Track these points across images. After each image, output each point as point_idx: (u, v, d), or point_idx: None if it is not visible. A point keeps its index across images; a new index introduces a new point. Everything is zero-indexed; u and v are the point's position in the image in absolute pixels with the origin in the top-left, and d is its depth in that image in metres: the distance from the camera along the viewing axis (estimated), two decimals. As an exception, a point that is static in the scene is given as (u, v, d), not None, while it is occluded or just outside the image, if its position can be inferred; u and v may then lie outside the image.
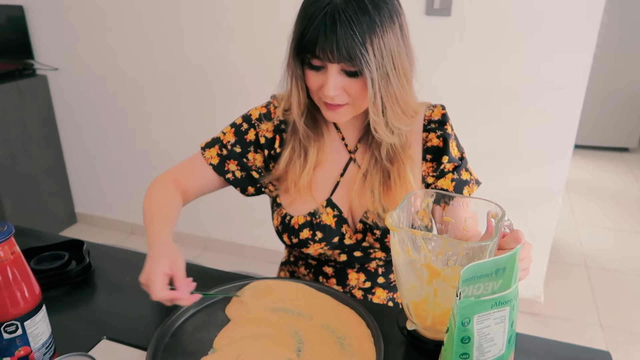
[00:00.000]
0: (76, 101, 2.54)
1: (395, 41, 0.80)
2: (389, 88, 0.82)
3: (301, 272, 1.05)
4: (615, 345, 1.96)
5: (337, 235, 0.95)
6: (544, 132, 1.85)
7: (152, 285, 0.72)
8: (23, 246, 0.71)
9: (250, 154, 0.98)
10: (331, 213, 0.95)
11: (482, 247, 0.64)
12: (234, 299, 0.83)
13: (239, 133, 0.98)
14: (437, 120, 0.95)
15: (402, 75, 0.83)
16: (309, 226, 0.94)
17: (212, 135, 1.02)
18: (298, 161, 0.94)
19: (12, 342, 0.64)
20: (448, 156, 0.93)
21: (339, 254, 0.98)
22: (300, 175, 0.94)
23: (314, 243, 0.94)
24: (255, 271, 1.21)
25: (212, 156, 0.98)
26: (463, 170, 0.95)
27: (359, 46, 0.76)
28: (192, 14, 2.14)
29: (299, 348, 0.72)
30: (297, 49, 0.82)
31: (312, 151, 0.94)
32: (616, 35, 3.68)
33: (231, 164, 0.98)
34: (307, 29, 0.78)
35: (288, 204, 0.96)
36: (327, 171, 0.97)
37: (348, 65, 0.79)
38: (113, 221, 2.76)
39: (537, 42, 1.75)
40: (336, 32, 0.75)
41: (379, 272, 1.01)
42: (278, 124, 0.97)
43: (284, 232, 0.96)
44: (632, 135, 4.05)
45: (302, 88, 0.88)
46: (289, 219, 0.95)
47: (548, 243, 2.02)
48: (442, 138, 0.94)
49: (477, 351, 0.58)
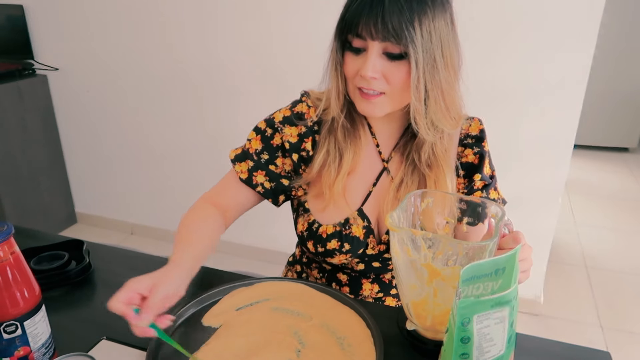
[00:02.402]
0: (76, 101, 2.54)
1: (446, 29, 0.76)
2: (435, 76, 0.76)
3: (314, 275, 1.03)
4: (615, 345, 1.96)
5: (363, 246, 0.92)
6: (544, 132, 1.85)
7: (115, 294, 0.66)
8: (23, 246, 0.71)
9: (279, 160, 0.93)
10: (361, 224, 0.91)
11: (482, 247, 0.64)
12: None
13: (265, 139, 0.93)
14: (475, 136, 0.92)
15: (450, 66, 0.78)
16: (337, 237, 0.90)
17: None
18: (333, 165, 0.88)
19: (11, 342, 0.64)
20: (481, 175, 0.91)
21: (357, 263, 0.94)
22: (335, 179, 0.88)
23: (340, 254, 0.91)
24: (255, 271, 1.21)
25: (242, 170, 0.93)
26: (492, 189, 0.93)
27: (407, 23, 0.71)
28: (192, 14, 2.13)
29: (298, 348, 0.72)
30: (340, 27, 0.78)
31: (348, 155, 0.88)
32: (616, 35, 3.68)
33: (259, 175, 0.93)
34: (352, 4, 0.74)
35: (319, 210, 0.92)
36: (359, 180, 0.92)
37: (393, 43, 0.73)
38: (113, 221, 2.76)
39: (537, 42, 1.75)
40: (384, 5, 0.71)
41: (393, 284, 0.99)
42: (311, 125, 0.91)
43: (309, 239, 0.92)
44: (632, 135, 4.05)
45: (342, 76, 0.83)
46: (316, 226, 0.91)
47: (548, 243, 2.02)
48: (479, 155, 0.91)
49: (476, 351, 0.58)
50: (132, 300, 0.66)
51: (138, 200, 2.64)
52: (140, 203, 2.64)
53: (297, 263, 1.09)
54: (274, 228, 2.27)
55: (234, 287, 0.85)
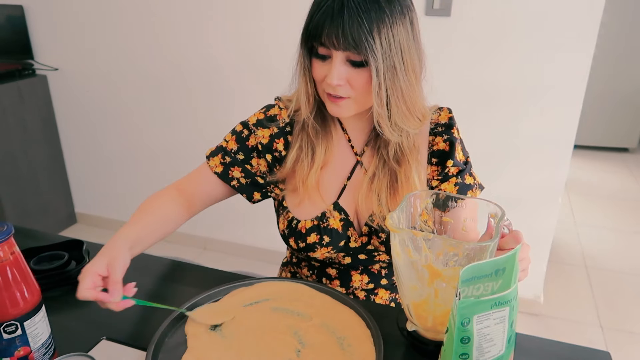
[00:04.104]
0: (76, 101, 2.54)
1: (405, 35, 0.79)
2: (395, 81, 0.80)
3: (304, 274, 1.05)
4: (615, 345, 1.96)
5: (343, 239, 0.94)
6: (543, 132, 1.85)
7: (80, 284, 0.70)
8: (23, 246, 0.71)
9: (254, 160, 0.97)
10: (338, 217, 0.94)
11: (482, 247, 0.64)
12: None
13: (241, 140, 0.97)
14: (444, 124, 0.94)
15: (410, 71, 0.81)
16: (316, 230, 0.93)
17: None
18: (306, 160, 0.92)
19: (11, 342, 0.64)
20: (453, 160, 0.93)
21: (344, 257, 0.97)
22: (308, 173, 0.92)
23: (320, 247, 0.93)
24: (255, 271, 1.21)
25: (217, 164, 0.97)
26: (467, 174, 0.94)
27: (366, 34, 0.75)
28: (193, 15, 2.14)
29: (298, 348, 0.72)
30: (306, 36, 0.81)
31: (320, 150, 0.93)
32: (616, 35, 3.68)
33: (235, 170, 0.97)
34: (315, 14, 0.78)
35: (295, 205, 0.95)
36: (333, 173, 0.96)
37: (353, 53, 0.77)
38: (113, 221, 2.75)
39: (536, 42, 1.75)
40: (343, 17, 0.75)
41: (382, 274, 1.01)
42: (283, 126, 0.96)
43: (290, 236, 0.95)
44: (632, 136, 4.05)
45: (310, 80, 0.87)
46: (295, 223, 0.94)
47: (548, 243, 2.02)
48: (449, 142, 0.93)
49: (476, 351, 0.58)
50: (95, 283, 0.71)
51: (138, 200, 2.61)
52: (140, 203, 2.63)
53: (289, 264, 1.11)
54: (274, 228, 2.26)
55: (234, 287, 0.85)
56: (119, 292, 0.72)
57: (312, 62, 0.84)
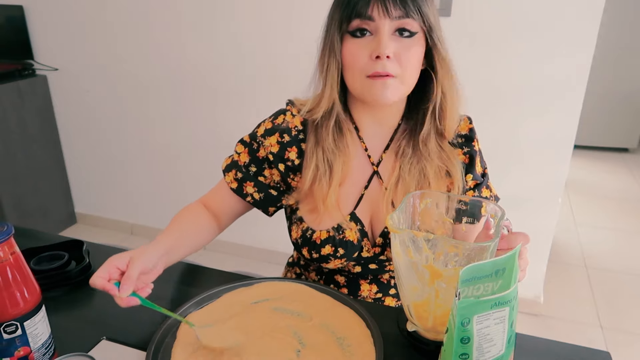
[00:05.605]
0: (76, 101, 2.54)
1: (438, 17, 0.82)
2: (441, 52, 0.82)
3: (311, 277, 1.03)
4: (615, 345, 1.96)
5: (357, 250, 0.92)
6: (544, 132, 1.85)
7: (97, 270, 0.72)
8: (23, 246, 0.71)
9: (267, 171, 0.94)
10: (354, 228, 0.90)
11: (482, 247, 0.64)
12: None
13: (252, 152, 0.94)
14: (464, 135, 0.92)
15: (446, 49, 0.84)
16: (331, 242, 0.90)
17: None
18: (324, 178, 0.88)
19: (11, 343, 0.64)
20: (473, 174, 0.91)
21: (354, 265, 0.95)
22: (328, 192, 0.88)
23: (335, 259, 0.91)
24: (255, 271, 1.21)
25: (231, 180, 0.95)
26: (484, 187, 0.93)
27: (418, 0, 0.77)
28: (192, 15, 2.14)
29: (298, 348, 0.72)
30: (346, 11, 0.79)
31: (337, 166, 0.88)
32: (616, 35, 3.68)
33: (248, 186, 0.94)
34: None
35: (313, 220, 0.91)
36: (351, 185, 0.92)
37: (409, 19, 0.77)
38: (113, 221, 2.76)
39: (536, 42, 1.75)
40: None
41: (391, 284, 0.99)
42: (296, 134, 0.91)
43: (304, 245, 0.92)
44: (632, 136, 4.05)
45: (339, 67, 0.83)
46: (310, 233, 0.91)
47: (548, 243, 2.02)
48: (469, 155, 0.91)
49: (476, 351, 0.58)
50: (111, 275, 0.72)
51: (138, 200, 2.64)
52: (140, 203, 2.64)
53: (295, 265, 1.10)
54: (275, 228, 2.26)
55: (234, 287, 0.85)
56: (129, 289, 0.71)
57: (343, 48, 0.81)
